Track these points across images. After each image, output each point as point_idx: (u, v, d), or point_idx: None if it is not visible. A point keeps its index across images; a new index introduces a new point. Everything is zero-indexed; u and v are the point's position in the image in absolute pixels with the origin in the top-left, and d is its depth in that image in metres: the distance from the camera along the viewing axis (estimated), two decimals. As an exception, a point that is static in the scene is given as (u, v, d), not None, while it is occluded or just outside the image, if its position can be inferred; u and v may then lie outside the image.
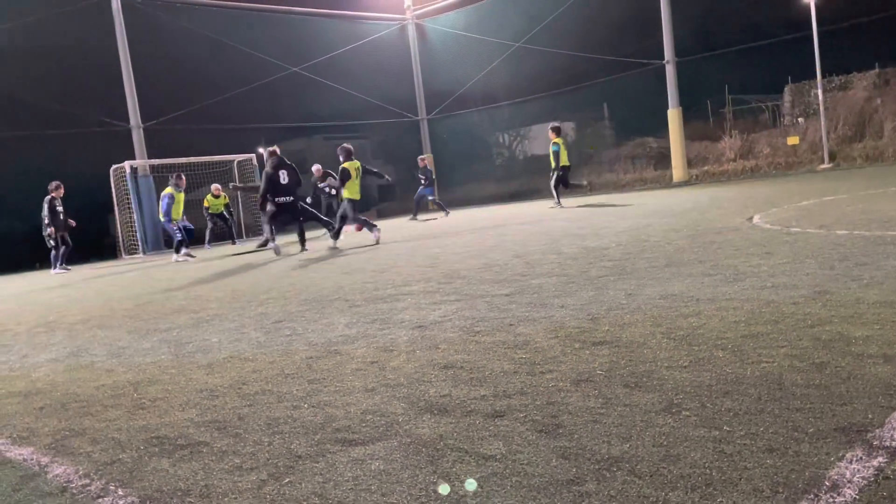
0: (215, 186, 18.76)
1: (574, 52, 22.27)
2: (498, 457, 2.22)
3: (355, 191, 12.63)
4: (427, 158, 19.43)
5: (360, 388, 3.17)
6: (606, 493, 1.89)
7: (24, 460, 2.74)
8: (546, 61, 23.14)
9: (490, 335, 3.90)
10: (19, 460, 2.75)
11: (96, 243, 19.59)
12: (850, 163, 18.70)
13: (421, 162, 19.49)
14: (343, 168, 12.70)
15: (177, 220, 14.69)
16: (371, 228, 12.71)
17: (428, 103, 27.71)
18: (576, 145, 26.79)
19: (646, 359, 3.09)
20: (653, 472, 1.99)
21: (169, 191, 14.76)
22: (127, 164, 18.89)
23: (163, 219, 14.89)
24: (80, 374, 4.24)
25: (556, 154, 15.58)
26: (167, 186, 14.97)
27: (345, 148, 12.96)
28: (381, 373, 3.39)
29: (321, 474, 2.25)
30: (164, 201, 14.68)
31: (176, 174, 15.33)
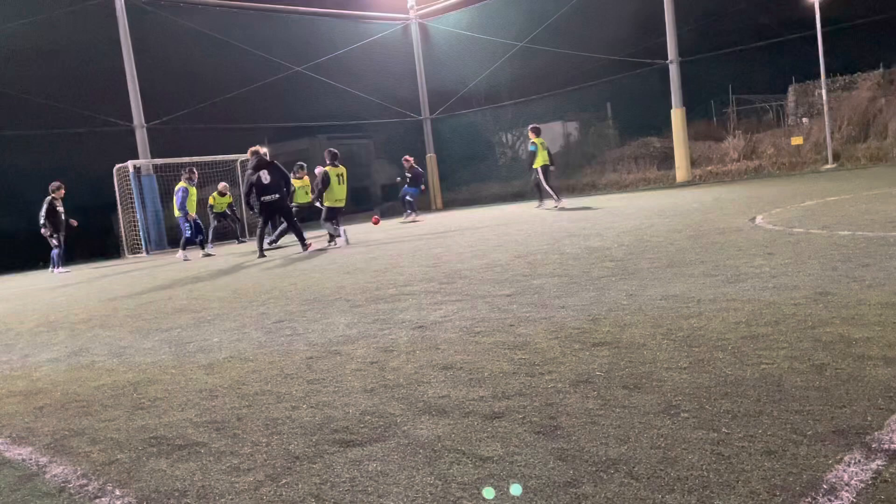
0: (223, 185, 18.74)
1: (577, 51, 22.25)
2: (495, 458, 2.21)
3: (335, 198, 12.52)
4: (412, 159, 19.62)
5: (359, 389, 3.17)
6: (603, 495, 1.89)
7: (23, 460, 2.75)
8: (549, 61, 23.13)
9: (490, 336, 3.90)
10: (18, 460, 2.76)
11: (99, 243, 19.65)
12: (853, 163, 18.65)
13: (406, 162, 19.66)
14: (325, 172, 12.56)
15: (191, 214, 14.79)
16: (333, 239, 12.64)
17: (431, 103, 27.71)
18: (579, 145, 26.80)
19: (645, 360, 3.09)
20: (650, 474, 1.98)
21: (183, 184, 14.83)
22: (130, 164, 18.93)
23: (178, 213, 14.91)
24: (80, 373, 4.25)
25: (532, 154, 15.64)
26: (180, 181, 15.04)
27: (331, 151, 12.86)
28: (380, 373, 3.39)
29: (318, 475, 2.25)
30: (179, 195, 14.74)
31: (188, 168, 15.41)
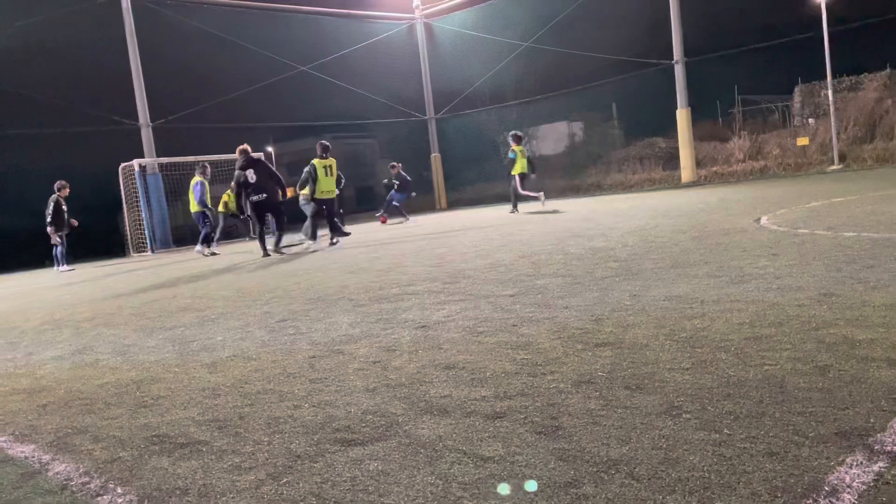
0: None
1: (583, 51, 22.23)
2: (496, 458, 2.21)
3: (321, 189, 12.51)
4: (399, 165, 19.88)
5: (361, 388, 3.17)
6: (604, 495, 1.88)
7: (26, 458, 2.76)
8: (555, 61, 23.11)
9: (493, 336, 3.89)
10: (21, 458, 2.77)
11: (105, 241, 19.73)
12: (860, 164, 18.59)
13: (392, 169, 19.82)
14: (311, 163, 12.58)
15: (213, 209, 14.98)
16: (314, 238, 12.71)
17: (436, 103, 27.72)
18: (584, 145, 26.76)
19: (648, 361, 3.08)
20: (651, 475, 1.97)
21: (199, 178, 14.90)
22: (136, 163, 19.00)
23: (198, 208, 14.95)
24: (84, 371, 4.26)
25: (511, 161, 15.89)
26: (195, 176, 15.11)
27: (322, 143, 12.85)
28: (382, 373, 3.39)
29: (319, 474, 2.25)
30: (198, 190, 14.82)
31: (201, 164, 15.51)
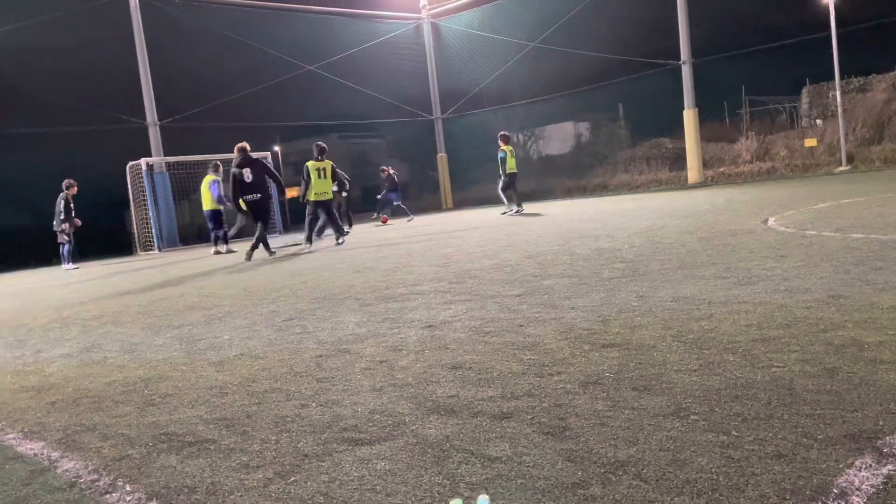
0: None
1: (590, 52, 22.20)
2: (504, 458, 2.21)
3: (315, 191, 12.63)
4: (388, 168, 20.09)
5: (368, 388, 3.17)
6: (612, 497, 1.88)
7: (35, 455, 2.77)
8: (561, 61, 23.09)
9: (499, 336, 3.89)
10: (30, 455, 2.78)
11: (112, 239, 19.80)
12: (868, 165, 18.51)
13: (383, 172, 19.93)
14: (305, 166, 12.71)
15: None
16: (309, 241, 12.92)
17: (443, 102, 27.73)
18: (590, 145, 26.73)
19: (655, 362, 3.07)
20: (659, 476, 1.97)
21: (214, 177, 14.98)
22: (143, 161, 19.07)
23: (213, 206, 15.00)
24: (92, 369, 4.28)
25: (502, 161, 16.03)
26: (208, 174, 15.18)
27: (318, 145, 12.93)
28: (389, 372, 3.40)
29: (327, 473, 2.26)
30: (215, 188, 14.89)
31: (213, 163, 15.63)
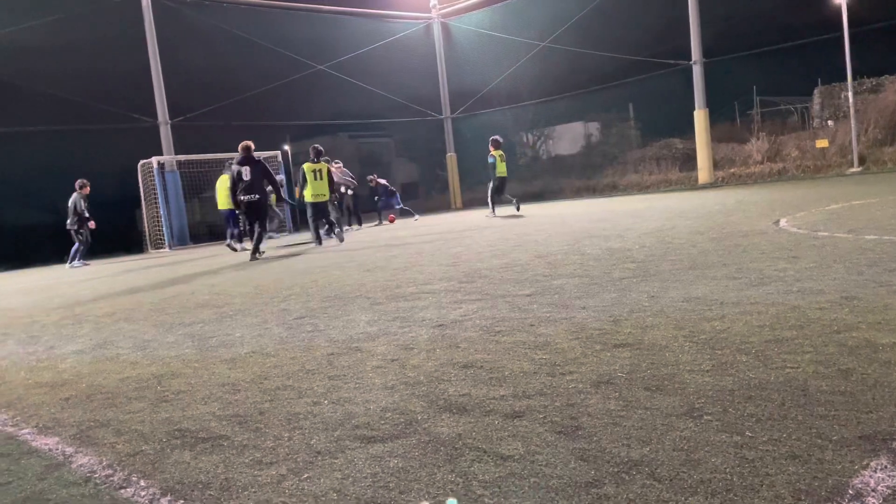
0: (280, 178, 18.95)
1: (600, 51, 22.14)
2: (516, 457, 2.21)
3: (311, 193, 13.01)
4: (375, 177, 20.36)
5: (379, 386, 3.18)
6: (625, 496, 1.88)
7: (50, 450, 2.79)
8: (571, 61, 23.03)
9: (510, 335, 3.89)
10: (45, 450, 2.80)
11: (123, 237, 19.90)
12: (880, 166, 18.38)
13: (372, 182, 20.09)
14: (301, 168, 13.15)
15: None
16: (318, 241, 13.31)
17: (452, 102, 27.72)
18: (600, 145, 26.66)
19: (668, 362, 3.07)
20: (672, 476, 1.97)
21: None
22: (154, 160, 19.16)
23: (230, 205, 15.04)
24: (105, 366, 4.31)
25: (492, 166, 16.30)
26: (224, 174, 15.26)
27: (314, 147, 13.30)
28: (401, 371, 3.40)
29: (340, 470, 2.26)
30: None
31: (229, 162, 15.66)
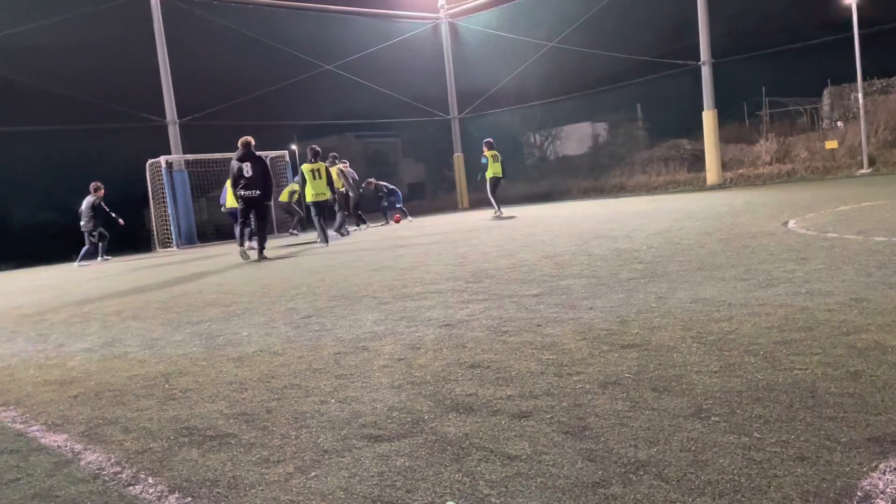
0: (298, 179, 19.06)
1: (608, 52, 22.09)
2: (523, 457, 2.21)
3: (312, 192, 13.41)
4: (374, 180, 20.44)
5: (386, 385, 3.19)
6: (632, 496, 1.88)
7: (59, 447, 2.81)
8: (580, 61, 23.00)
9: (517, 335, 3.89)
10: (53, 447, 2.82)
11: (131, 236, 19.97)
12: (890, 168, 18.28)
13: (369, 185, 20.16)
14: (300, 169, 13.59)
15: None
16: (321, 240, 13.55)
17: (460, 102, 27.71)
18: (608, 146, 26.60)
19: (675, 363, 3.06)
20: (680, 477, 1.96)
21: None
22: (163, 159, 19.24)
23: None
24: (113, 363, 4.33)
25: (484, 166, 16.80)
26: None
27: (312, 148, 13.69)
28: (407, 370, 3.41)
29: (347, 469, 2.27)
30: None
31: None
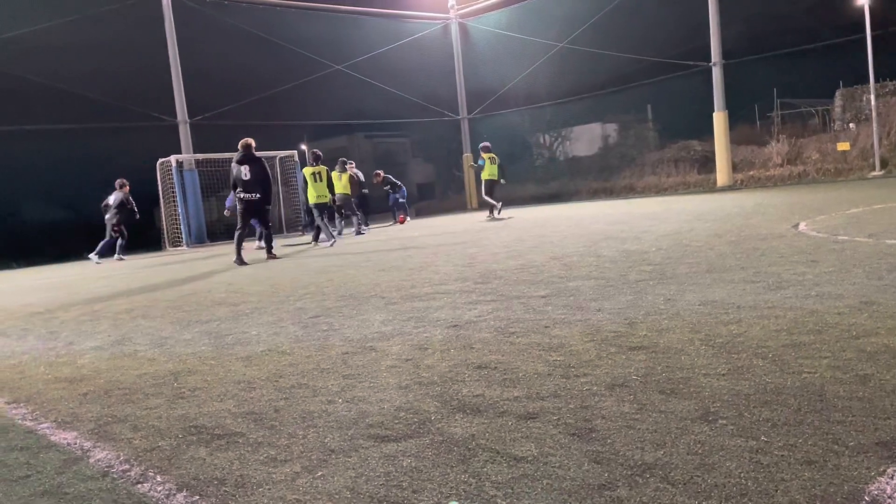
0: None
1: (619, 52, 22.04)
2: (529, 458, 2.21)
3: (314, 195, 13.79)
4: (381, 173, 20.49)
5: (394, 385, 3.19)
6: (639, 499, 1.88)
7: (68, 444, 2.83)
8: (590, 62, 22.95)
9: (525, 336, 3.89)
10: (63, 444, 2.84)
11: (141, 235, 20.09)
12: (902, 170, 18.16)
13: (376, 178, 20.18)
14: (301, 172, 14.09)
15: None
16: (327, 238, 13.69)
17: (469, 103, 27.71)
18: (617, 147, 26.54)
19: (683, 365, 3.05)
20: (686, 480, 1.96)
21: None
22: (173, 158, 19.33)
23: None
24: (123, 362, 4.35)
25: (480, 168, 17.14)
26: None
27: (313, 152, 14.08)
28: (415, 370, 3.41)
29: (353, 469, 2.27)
30: None
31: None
